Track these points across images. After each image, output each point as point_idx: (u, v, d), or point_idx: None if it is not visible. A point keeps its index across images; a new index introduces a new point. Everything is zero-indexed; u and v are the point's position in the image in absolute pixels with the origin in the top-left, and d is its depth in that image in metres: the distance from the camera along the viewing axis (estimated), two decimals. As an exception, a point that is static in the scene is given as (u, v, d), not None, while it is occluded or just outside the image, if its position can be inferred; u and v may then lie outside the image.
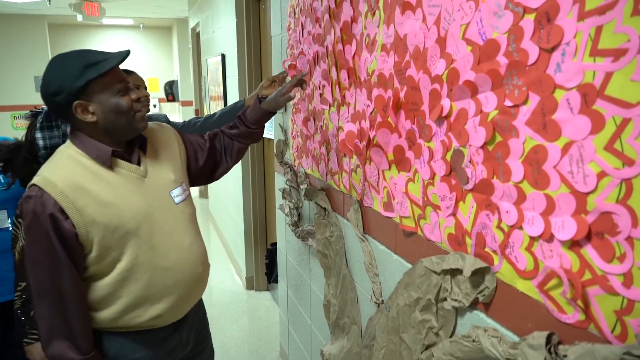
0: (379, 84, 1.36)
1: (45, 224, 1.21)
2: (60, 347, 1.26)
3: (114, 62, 1.24)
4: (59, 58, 1.26)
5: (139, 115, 1.33)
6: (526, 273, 0.90)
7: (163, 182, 1.42)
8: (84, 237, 1.25)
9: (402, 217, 1.33)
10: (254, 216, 3.82)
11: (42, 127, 1.70)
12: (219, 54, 4.13)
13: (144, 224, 1.33)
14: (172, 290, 1.39)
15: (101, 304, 1.33)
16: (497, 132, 0.94)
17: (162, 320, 1.41)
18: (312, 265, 2.15)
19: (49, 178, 1.23)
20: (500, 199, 0.95)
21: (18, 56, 8.73)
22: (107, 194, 1.28)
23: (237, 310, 3.69)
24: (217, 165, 1.69)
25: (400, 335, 1.33)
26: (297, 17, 2.00)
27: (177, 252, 1.40)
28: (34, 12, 8.35)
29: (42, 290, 1.25)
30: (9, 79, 8.70)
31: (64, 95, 1.22)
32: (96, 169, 1.29)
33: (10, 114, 8.67)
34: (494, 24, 0.92)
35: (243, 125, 1.67)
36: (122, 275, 1.32)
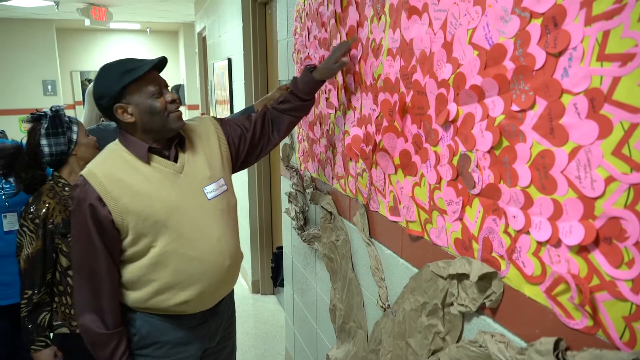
0: (385, 89, 1.37)
1: (86, 211, 1.36)
2: (89, 319, 1.41)
3: (146, 67, 1.36)
4: (104, 67, 1.41)
5: (172, 115, 1.42)
6: (533, 278, 0.89)
7: (198, 178, 1.50)
8: (119, 223, 1.38)
9: (408, 222, 1.33)
10: (260, 220, 3.83)
11: (47, 133, 1.70)
12: (225, 58, 4.14)
13: (174, 215, 1.42)
14: (198, 279, 1.47)
15: (135, 285, 1.45)
16: (504, 137, 0.94)
17: (189, 307, 1.49)
18: (318, 269, 2.15)
19: (92, 170, 1.40)
20: (507, 203, 0.94)
21: (26, 60, 8.79)
22: (142, 186, 1.40)
23: (243, 314, 3.69)
24: (266, 143, 1.71)
25: (406, 340, 1.33)
26: (303, 21, 2.01)
27: (204, 243, 1.47)
28: (42, 17, 8.41)
29: (79, 268, 1.42)
30: (17, 83, 8.76)
31: (106, 99, 1.38)
32: (135, 163, 1.42)
33: (18, 118, 8.73)
34: (500, 28, 0.92)
35: (296, 98, 1.66)
36: (153, 260, 1.42)
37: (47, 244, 1.68)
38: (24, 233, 1.67)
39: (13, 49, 8.67)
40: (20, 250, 1.67)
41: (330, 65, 1.57)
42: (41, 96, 8.88)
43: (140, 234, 1.40)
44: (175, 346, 1.54)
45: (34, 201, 1.69)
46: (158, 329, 1.50)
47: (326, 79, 1.64)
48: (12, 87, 8.74)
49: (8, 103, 8.62)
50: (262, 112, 1.70)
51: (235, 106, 4.04)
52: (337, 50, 1.56)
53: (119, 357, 1.44)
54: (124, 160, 1.42)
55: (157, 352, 1.52)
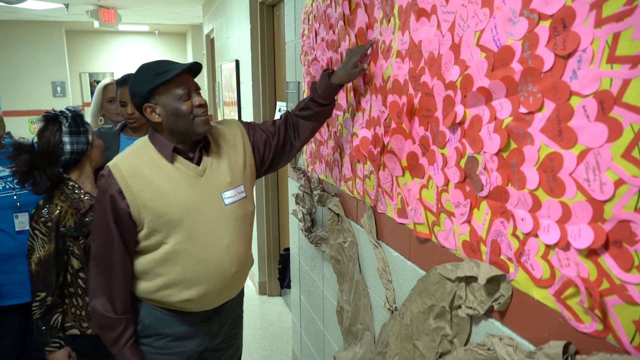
0: (393, 90, 1.36)
1: (107, 202, 1.43)
2: (100, 302, 1.48)
3: (176, 71, 1.40)
4: (141, 67, 1.47)
5: (197, 119, 1.45)
6: (542, 281, 0.89)
7: (217, 183, 1.52)
8: (136, 216, 1.43)
9: (416, 224, 1.32)
10: (267, 221, 3.83)
11: (70, 132, 1.72)
12: (233, 60, 4.16)
13: (188, 216, 1.46)
14: (203, 280, 1.50)
15: (144, 276, 1.51)
16: (512, 139, 0.93)
17: (192, 305, 1.53)
18: (325, 271, 2.15)
19: (117, 163, 1.46)
20: (515, 206, 0.94)
21: (36, 62, 8.87)
22: (162, 184, 1.44)
23: (250, 315, 3.69)
24: (290, 148, 1.72)
25: (414, 343, 1.32)
26: (311, 23, 2.01)
27: (214, 248, 1.50)
28: (51, 19, 8.48)
29: (96, 254, 1.48)
30: (27, 84, 8.84)
31: (137, 98, 1.44)
32: (159, 161, 1.47)
33: (28, 119, 8.81)
34: (508, 30, 0.92)
35: (316, 105, 1.65)
36: (164, 256, 1.47)
37: (59, 247, 1.68)
38: (35, 236, 1.67)
39: (23, 50, 8.75)
40: (32, 253, 1.68)
41: (349, 71, 1.55)
42: (50, 97, 8.95)
43: (154, 229, 1.45)
44: (175, 340, 1.58)
45: (45, 204, 1.70)
46: (160, 321, 1.55)
47: (344, 84, 1.62)
48: (22, 88, 8.82)
49: (18, 104, 8.69)
50: (284, 118, 1.70)
51: (242, 108, 4.05)
52: (354, 54, 1.53)
53: (124, 342, 1.51)
54: (150, 156, 1.47)
55: (156, 342, 1.57)
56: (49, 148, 1.70)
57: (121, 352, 1.52)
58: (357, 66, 1.54)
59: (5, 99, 8.63)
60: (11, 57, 8.70)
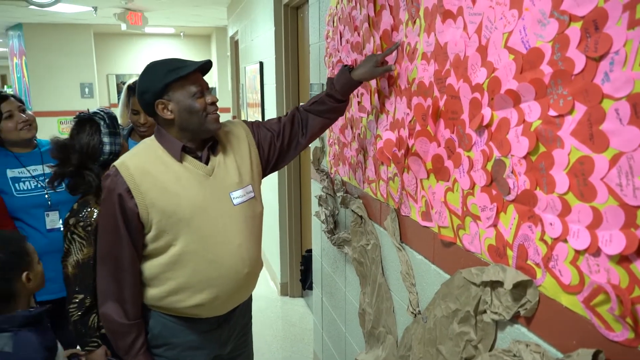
0: (418, 93, 1.36)
1: (114, 201, 1.40)
2: (110, 308, 1.45)
3: (191, 68, 1.40)
4: (150, 64, 1.46)
5: (210, 117, 1.45)
6: (571, 287, 0.87)
7: (225, 183, 1.51)
8: (144, 217, 1.41)
9: (440, 227, 1.31)
10: (290, 222, 3.84)
11: (110, 132, 1.73)
12: (257, 62, 4.19)
13: (197, 216, 1.43)
14: (214, 283, 1.47)
15: (152, 281, 1.48)
16: (541, 143, 0.92)
17: (203, 310, 1.50)
18: (348, 273, 2.14)
19: (125, 162, 1.43)
20: (543, 210, 0.92)
21: (65, 64, 9.08)
22: (170, 183, 1.42)
23: (271, 316, 3.71)
24: (295, 146, 1.69)
25: (437, 347, 1.31)
26: (336, 25, 2.01)
27: (225, 248, 1.47)
28: (81, 22, 8.67)
29: (103, 256, 1.45)
30: (56, 86, 9.05)
31: (149, 94, 1.42)
32: (167, 160, 1.45)
33: (57, 119, 9.02)
34: (538, 32, 0.90)
35: (332, 100, 1.62)
36: (172, 259, 1.44)
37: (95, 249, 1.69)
38: (73, 240, 1.66)
39: (53, 53, 8.97)
40: (68, 256, 1.67)
41: (373, 69, 1.52)
42: (79, 98, 9.15)
43: (162, 230, 1.42)
44: (185, 350, 1.55)
45: (81, 208, 1.68)
46: (170, 330, 1.52)
47: (364, 81, 1.60)
48: (51, 89, 9.04)
49: (47, 105, 8.91)
50: (292, 115, 1.68)
51: (266, 109, 4.07)
52: (377, 54, 1.52)
53: (137, 350, 1.48)
54: (157, 155, 1.45)
55: (168, 352, 1.54)
56: (88, 149, 1.70)
57: (135, 359, 1.48)
58: (378, 65, 1.51)
59: (36, 99, 8.86)
60: (42, 59, 8.94)
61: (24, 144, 2.08)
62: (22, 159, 2.07)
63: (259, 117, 4.24)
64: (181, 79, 1.41)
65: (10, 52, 10.81)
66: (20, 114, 2.04)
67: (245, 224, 1.52)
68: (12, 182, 2.01)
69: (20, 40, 9.20)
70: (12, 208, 1.99)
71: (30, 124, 2.07)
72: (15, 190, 2.01)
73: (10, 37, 10.19)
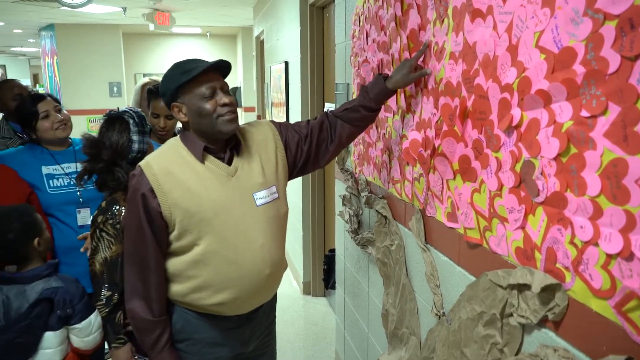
0: (446, 92, 1.34)
1: (138, 201, 1.42)
2: (136, 304, 1.48)
3: (199, 70, 1.39)
4: (171, 66, 1.47)
5: (221, 119, 1.42)
6: (602, 292, 0.85)
7: (249, 184, 1.50)
8: (167, 216, 1.42)
9: (466, 228, 1.30)
10: (313, 221, 3.85)
11: (138, 131, 1.75)
12: (282, 62, 4.21)
13: (219, 216, 1.44)
14: (235, 283, 1.47)
15: (176, 278, 1.50)
16: (572, 144, 0.90)
17: (224, 308, 1.51)
18: (371, 273, 2.14)
19: (149, 162, 1.45)
20: (574, 213, 0.90)
21: (94, 63, 9.28)
22: (193, 183, 1.43)
23: (294, 315, 3.72)
24: (324, 152, 1.66)
25: (461, 350, 1.30)
26: (362, 25, 2.01)
27: (247, 248, 1.47)
28: (110, 22, 8.84)
29: (130, 254, 1.48)
30: (86, 85, 9.26)
31: (165, 97, 1.46)
32: (190, 160, 1.46)
33: (86, 118, 9.22)
34: (570, 31, 0.89)
35: (365, 109, 1.59)
36: (195, 257, 1.45)
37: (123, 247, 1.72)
38: (101, 237, 1.68)
39: (83, 52, 9.18)
40: (95, 253, 1.69)
41: (407, 75, 1.48)
42: (107, 97, 9.34)
43: (185, 229, 1.43)
44: (207, 346, 1.56)
45: (109, 206, 1.70)
46: (192, 325, 1.54)
47: (399, 89, 1.57)
48: (81, 89, 9.25)
49: (77, 104, 9.10)
50: (321, 119, 1.64)
51: (291, 109, 4.09)
52: (410, 59, 1.50)
53: (162, 346, 1.50)
54: (181, 156, 1.46)
55: (190, 348, 1.55)
56: (118, 146, 1.72)
57: (160, 355, 1.51)
58: (412, 71, 1.48)
59: (66, 98, 9.07)
60: (72, 59, 9.15)
61: (59, 142, 2.13)
62: (57, 156, 2.12)
63: (283, 117, 4.26)
64: (192, 81, 1.40)
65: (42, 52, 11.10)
66: (56, 114, 2.09)
67: (268, 225, 1.52)
68: (47, 178, 2.07)
69: (52, 41, 9.44)
70: (45, 204, 2.04)
71: (65, 123, 2.12)
72: (49, 187, 2.06)
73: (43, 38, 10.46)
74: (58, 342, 1.66)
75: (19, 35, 11.18)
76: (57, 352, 1.66)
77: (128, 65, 10.27)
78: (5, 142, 2.54)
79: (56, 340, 1.65)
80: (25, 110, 2.08)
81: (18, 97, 2.63)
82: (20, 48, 14.32)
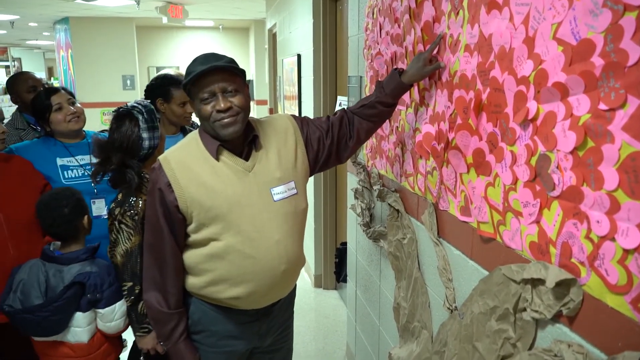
0: (460, 85, 1.33)
1: (156, 194, 1.46)
2: (152, 296, 1.52)
3: (196, 72, 1.37)
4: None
5: (217, 124, 1.42)
6: (618, 288, 0.84)
7: (266, 179, 1.49)
8: (184, 209, 1.44)
9: (479, 222, 1.29)
10: (325, 215, 3.85)
11: (148, 127, 1.76)
12: (295, 54, 4.20)
13: (234, 211, 1.44)
14: (250, 278, 1.48)
15: (193, 271, 1.52)
16: (589, 137, 0.89)
17: (240, 302, 1.52)
18: (383, 267, 2.14)
19: (167, 156, 1.48)
20: (590, 207, 0.89)
21: (108, 56, 9.35)
22: (209, 178, 1.44)
23: (305, 307, 3.73)
24: (344, 147, 1.65)
25: (473, 344, 1.30)
26: (375, 17, 2.00)
27: (262, 244, 1.47)
28: (124, 15, 8.89)
29: (148, 247, 1.52)
30: (100, 78, 9.34)
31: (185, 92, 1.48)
32: (207, 156, 1.47)
33: (100, 110, 9.31)
34: (589, 22, 0.87)
35: (381, 104, 1.58)
36: (212, 251, 1.47)
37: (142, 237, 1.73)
38: (120, 230, 1.70)
39: (97, 46, 9.26)
40: (115, 246, 1.72)
41: (422, 69, 1.47)
42: (120, 90, 9.41)
43: (202, 223, 1.45)
44: (223, 338, 1.57)
45: (126, 198, 1.71)
46: (209, 317, 1.55)
47: (415, 83, 1.56)
48: (95, 81, 9.33)
49: (90, 96, 9.19)
50: (340, 115, 1.63)
51: (303, 102, 4.09)
52: (424, 52, 1.48)
53: (177, 337, 1.53)
54: (199, 150, 1.48)
55: (206, 340, 1.57)
56: (127, 147, 1.73)
57: (175, 346, 1.53)
58: (427, 63, 1.46)
59: (80, 91, 9.16)
60: (86, 52, 9.24)
61: (72, 134, 2.16)
62: (71, 149, 2.14)
63: (295, 110, 4.26)
64: (195, 83, 1.40)
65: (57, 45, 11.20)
66: (69, 106, 2.12)
67: (285, 220, 1.51)
68: (61, 170, 2.09)
69: (66, 34, 9.52)
70: None
71: (78, 116, 2.14)
72: (64, 178, 2.09)
73: (58, 31, 10.55)
74: (86, 323, 1.75)
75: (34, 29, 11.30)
76: (86, 331, 1.76)
77: (141, 58, 10.33)
78: (19, 134, 2.57)
79: (84, 320, 1.75)
80: (39, 103, 2.11)
81: (32, 89, 2.66)
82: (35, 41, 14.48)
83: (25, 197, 1.93)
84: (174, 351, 1.55)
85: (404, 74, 1.52)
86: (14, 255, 1.85)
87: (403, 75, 1.52)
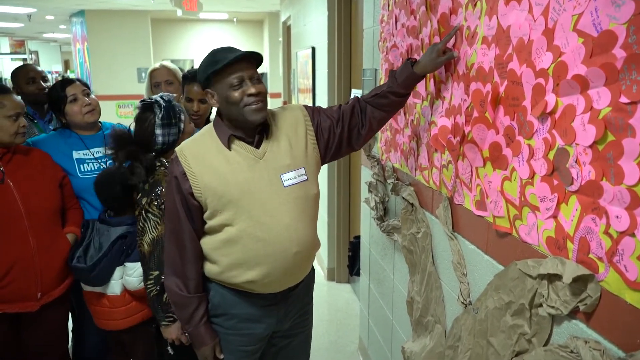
0: (477, 78, 1.32)
1: (173, 182, 1.53)
2: (172, 281, 1.58)
3: (226, 61, 1.43)
4: (208, 53, 1.51)
5: (248, 108, 1.47)
6: (637, 284, 0.83)
7: (277, 165, 1.54)
8: (198, 196, 1.51)
9: (495, 217, 1.28)
10: (338, 208, 3.85)
11: (162, 124, 1.80)
12: (309, 47, 4.18)
13: (245, 196, 1.50)
14: (264, 260, 1.53)
15: (211, 257, 1.58)
16: (609, 131, 0.87)
17: (256, 286, 1.57)
18: (396, 261, 2.13)
19: (182, 147, 1.56)
20: (609, 202, 0.88)
21: (123, 49, 9.40)
22: (221, 166, 1.51)
23: (318, 300, 3.69)
24: (356, 137, 1.66)
25: (488, 339, 1.29)
26: (391, 9, 1.98)
27: (273, 227, 1.51)
28: (139, 8, 8.93)
29: (169, 234, 1.59)
30: (115, 71, 9.39)
31: (201, 83, 1.53)
32: (220, 145, 1.53)
33: (115, 103, 9.38)
34: (611, 13, 0.85)
35: (394, 94, 1.59)
36: (226, 237, 1.53)
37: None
38: (147, 219, 1.75)
39: (112, 39, 9.30)
40: (143, 235, 1.76)
41: (435, 59, 1.46)
42: (135, 83, 9.45)
43: (215, 209, 1.51)
44: (242, 321, 1.62)
45: (153, 188, 1.77)
46: (228, 301, 1.61)
47: (428, 73, 1.55)
48: (111, 74, 9.39)
49: (106, 89, 9.25)
50: (352, 104, 1.64)
51: (317, 95, 4.08)
52: (438, 43, 1.47)
53: (197, 320, 1.59)
54: (213, 140, 1.54)
55: (226, 323, 1.62)
56: (143, 138, 1.80)
57: (196, 329, 1.59)
58: (440, 54, 1.45)
59: (96, 83, 9.23)
60: (102, 45, 9.29)
61: (88, 126, 2.17)
62: (86, 141, 2.16)
63: (309, 103, 4.25)
64: (222, 70, 1.45)
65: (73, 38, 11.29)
66: (84, 98, 2.13)
67: (295, 205, 1.55)
68: (77, 163, 2.11)
69: (82, 27, 9.59)
70: (76, 189, 2.09)
71: (93, 108, 2.15)
72: (80, 172, 2.11)
73: (74, 24, 10.64)
74: (119, 276, 1.93)
75: (51, 22, 11.40)
76: (118, 283, 1.94)
77: (156, 51, 10.37)
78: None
79: (118, 274, 1.93)
80: (54, 95, 2.13)
81: (31, 81, 2.70)
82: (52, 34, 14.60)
83: (46, 189, 1.95)
84: (195, 334, 1.60)
85: (417, 64, 1.52)
86: (35, 246, 1.88)
87: (416, 65, 1.52)
